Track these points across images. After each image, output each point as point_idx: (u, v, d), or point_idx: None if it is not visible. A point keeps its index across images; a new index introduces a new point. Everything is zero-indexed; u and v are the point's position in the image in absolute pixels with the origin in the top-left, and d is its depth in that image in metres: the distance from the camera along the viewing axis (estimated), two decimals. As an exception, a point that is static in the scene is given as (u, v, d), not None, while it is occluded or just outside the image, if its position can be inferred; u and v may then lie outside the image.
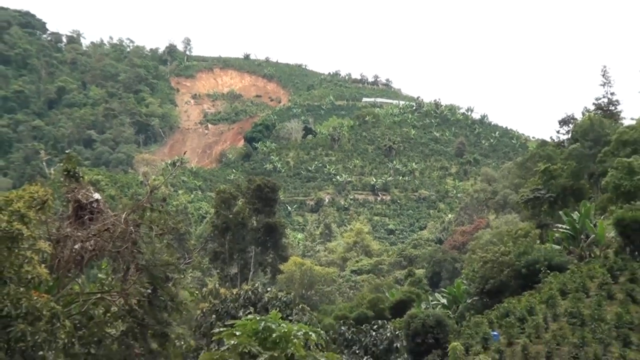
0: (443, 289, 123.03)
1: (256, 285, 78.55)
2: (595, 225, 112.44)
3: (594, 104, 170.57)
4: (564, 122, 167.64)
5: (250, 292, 68.05)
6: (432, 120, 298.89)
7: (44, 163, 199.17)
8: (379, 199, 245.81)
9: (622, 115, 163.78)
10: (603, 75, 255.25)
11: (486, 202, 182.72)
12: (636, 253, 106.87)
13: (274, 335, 47.01)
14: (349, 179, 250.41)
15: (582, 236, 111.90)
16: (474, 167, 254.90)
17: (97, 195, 40.79)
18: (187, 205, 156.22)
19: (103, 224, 37.89)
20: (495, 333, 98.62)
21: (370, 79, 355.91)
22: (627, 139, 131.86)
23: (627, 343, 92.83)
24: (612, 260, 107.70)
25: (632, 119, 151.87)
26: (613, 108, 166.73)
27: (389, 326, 77.74)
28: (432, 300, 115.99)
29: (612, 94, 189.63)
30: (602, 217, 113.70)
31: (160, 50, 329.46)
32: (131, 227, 37.70)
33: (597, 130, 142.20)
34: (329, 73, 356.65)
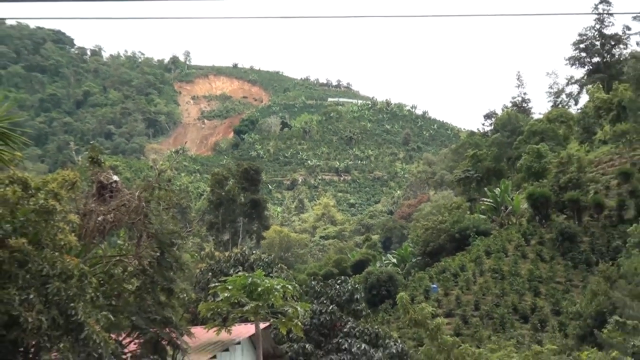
0: (393, 251, 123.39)
1: (244, 249, 78.76)
2: (512, 199, 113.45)
3: (510, 102, 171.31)
4: (487, 116, 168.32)
5: (239, 255, 68.31)
6: (384, 116, 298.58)
7: (73, 152, 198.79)
8: (341, 179, 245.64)
9: (532, 110, 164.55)
10: (518, 79, 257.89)
11: (427, 181, 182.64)
12: (543, 221, 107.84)
13: (258, 289, 47.38)
14: (318, 163, 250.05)
15: (502, 208, 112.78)
16: (417, 153, 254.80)
17: (115, 177, 40.99)
18: (188, 185, 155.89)
19: (120, 201, 38.14)
20: (434, 286, 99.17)
21: (334, 83, 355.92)
22: (536, 129, 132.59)
23: (537, 293, 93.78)
24: (525, 227, 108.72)
25: (540, 113, 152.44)
26: (525, 105, 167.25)
27: (350, 281, 77.72)
28: (384, 260, 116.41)
29: (524, 94, 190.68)
30: (517, 193, 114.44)
31: (166, 61, 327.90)
32: (143, 203, 37.94)
33: (513, 122, 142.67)
34: (301, 78, 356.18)
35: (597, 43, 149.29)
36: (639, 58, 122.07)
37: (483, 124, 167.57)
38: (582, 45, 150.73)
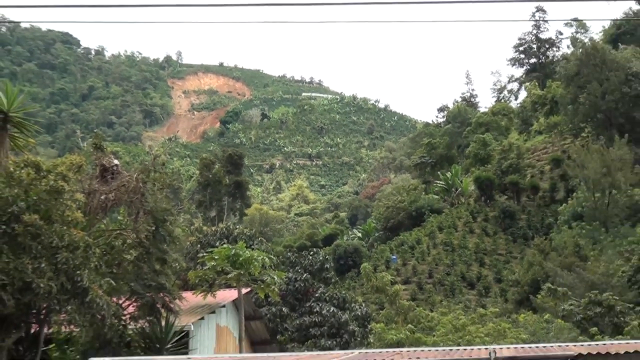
0: (359, 227, 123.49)
1: (228, 224, 78.72)
2: (461, 182, 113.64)
3: (460, 97, 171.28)
4: (440, 109, 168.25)
5: (224, 229, 68.32)
6: (351, 109, 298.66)
7: (79, 139, 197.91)
8: (313, 163, 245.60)
9: (479, 104, 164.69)
10: (467, 77, 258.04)
11: (388, 165, 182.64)
12: (488, 201, 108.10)
13: (240, 258, 47.36)
14: (293, 150, 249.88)
15: (453, 189, 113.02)
16: (380, 141, 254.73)
17: (116, 161, 41.01)
18: (180, 168, 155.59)
19: (120, 182, 38.13)
20: (394, 257, 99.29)
21: (308, 79, 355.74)
22: (482, 121, 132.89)
23: (482, 263, 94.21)
24: (472, 206, 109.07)
25: (485, 107, 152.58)
26: (473, 100, 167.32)
27: (321, 252, 77.79)
28: (351, 235, 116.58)
29: (472, 90, 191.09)
30: (465, 176, 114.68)
31: (160, 60, 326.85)
32: (140, 184, 37.88)
33: (463, 115, 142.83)
34: (279, 75, 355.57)
35: (534, 46, 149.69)
36: (569, 60, 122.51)
37: (437, 116, 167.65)
38: (521, 48, 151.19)
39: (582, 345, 22.58)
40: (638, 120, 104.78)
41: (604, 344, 24.00)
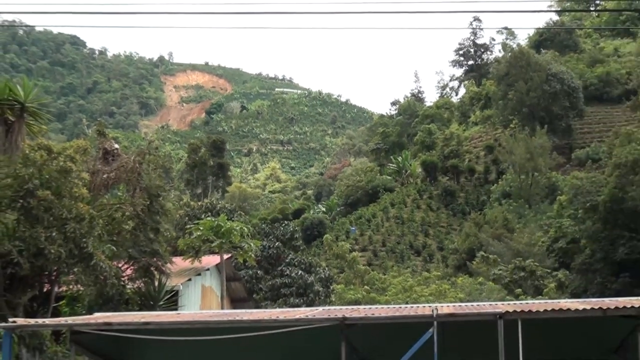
0: (323, 202, 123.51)
1: (212, 200, 78.75)
2: (410, 165, 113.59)
3: (410, 92, 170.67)
4: (393, 103, 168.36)
5: (208, 204, 68.25)
6: (317, 102, 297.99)
7: (85, 126, 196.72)
8: (285, 148, 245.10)
9: (425, 99, 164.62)
10: (415, 76, 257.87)
11: (349, 150, 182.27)
12: (432, 181, 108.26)
13: (222, 229, 47.35)
14: (268, 137, 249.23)
15: (403, 171, 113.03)
16: (341, 130, 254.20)
17: (116, 145, 40.95)
18: (171, 152, 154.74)
19: (120, 163, 38.06)
20: (353, 228, 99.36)
21: (280, 77, 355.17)
22: (428, 114, 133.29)
23: (427, 234, 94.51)
24: (419, 186, 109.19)
25: (430, 102, 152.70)
26: (420, 95, 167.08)
27: (291, 224, 77.92)
28: (316, 209, 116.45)
29: (420, 87, 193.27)
30: (414, 160, 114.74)
31: (154, 59, 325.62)
32: (137, 165, 37.84)
33: (412, 108, 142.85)
34: (256, 73, 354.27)
35: (472, 50, 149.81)
36: (500, 62, 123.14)
37: (390, 109, 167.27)
38: (461, 52, 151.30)
39: (508, 304, 22.78)
40: (556, 114, 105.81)
41: (527, 303, 24.21)
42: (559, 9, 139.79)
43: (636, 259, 62.38)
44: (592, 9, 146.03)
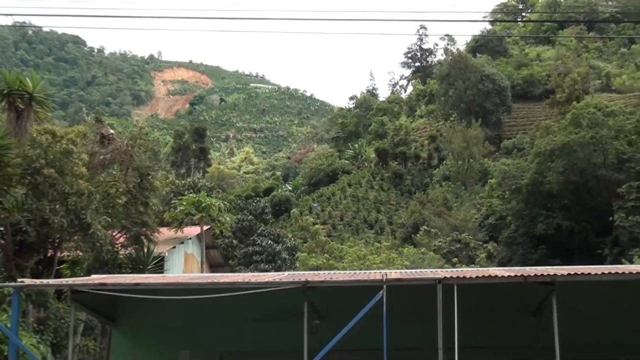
0: (290, 182, 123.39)
1: (194, 179, 78.59)
2: (365, 151, 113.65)
3: (366, 89, 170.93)
4: (351, 98, 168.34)
5: (191, 182, 68.15)
6: (285, 96, 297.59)
7: (85, 114, 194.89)
8: (257, 135, 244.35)
9: (378, 95, 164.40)
10: (370, 75, 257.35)
11: (312, 138, 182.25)
12: (384, 165, 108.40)
13: (203, 204, 47.34)
14: (243, 125, 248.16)
15: (359, 156, 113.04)
16: (306, 120, 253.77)
17: (111, 131, 40.98)
18: (159, 137, 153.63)
19: (115, 146, 38.01)
20: (315, 205, 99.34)
21: (254, 74, 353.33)
22: (381, 107, 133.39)
23: (379, 211, 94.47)
24: (372, 169, 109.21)
25: (383, 97, 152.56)
26: (374, 92, 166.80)
27: (262, 200, 77.96)
28: (284, 188, 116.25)
29: (374, 84, 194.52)
30: (368, 147, 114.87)
31: (145, 57, 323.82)
32: (129, 148, 37.81)
33: (367, 102, 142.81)
34: (233, 70, 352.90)
35: (418, 54, 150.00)
36: (442, 64, 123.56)
37: (348, 103, 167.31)
38: (409, 55, 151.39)
39: (446, 270, 22.91)
40: (488, 109, 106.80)
41: (462, 270, 24.39)
42: (491, 19, 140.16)
43: (552, 234, 62.97)
44: (519, 20, 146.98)
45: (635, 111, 74.59)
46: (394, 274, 19.30)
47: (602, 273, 17.95)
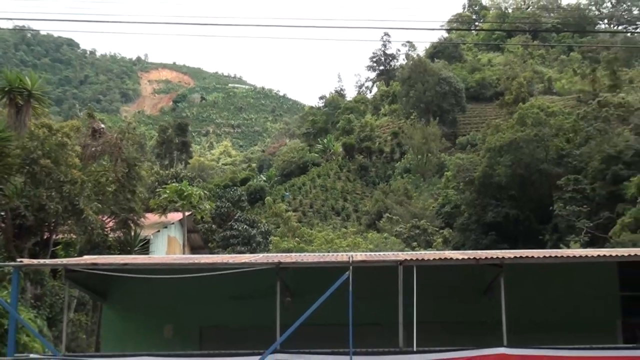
0: (264, 173, 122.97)
1: (177, 169, 78.28)
2: (333, 146, 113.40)
3: (334, 89, 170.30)
4: (321, 97, 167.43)
5: (174, 173, 67.96)
6: (260, 95, 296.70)
7: (78, 110, 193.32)
8: (235, 131, 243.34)
9: (346, 95, 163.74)
10: (338, 77, 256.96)
11: (285, 134, 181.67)
12: (350, 158, 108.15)
13: (185, 193, 47.18)
14: (222, 121, 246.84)
15: (328, 150, 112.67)
16: (279, 117, 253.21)
17: (102, 125, 40.88)
18: (145, 131, 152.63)
19: (105, 139, 37.92)
20: (287, 194, 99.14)
21: (232, 75, 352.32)
22: (348, 106, 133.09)
23: (345, 199, 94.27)
24: (340, 162, 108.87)
25: (350, 97, 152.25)
26: (342, 92, 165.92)
27: (239, 189, 77.86)
28: (259, 178, 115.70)
29: (342, 85, 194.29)
30: (337, 142, 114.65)
31: (133, 59, 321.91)
32: (118, 141, 37.75)
33: (335, 102, 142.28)
34: (213, 72, 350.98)
35: (382, 58, 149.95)
36: (404, 68, 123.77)
37: (318, 102, 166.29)
38: (374, 59, 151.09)
39: (406, 253, 23.01)
40: (445, 109, 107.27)
41: (420, 253, 24.54)
42: (448, 28, 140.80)
43: (500, 221, 63.57)
44: (472, 29, 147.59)
45: (573, 112, 75.39)
46: (359, 256, 19.38)
47: (544, 256, 18.24)
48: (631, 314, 20.32)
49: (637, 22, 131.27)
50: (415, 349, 16.39)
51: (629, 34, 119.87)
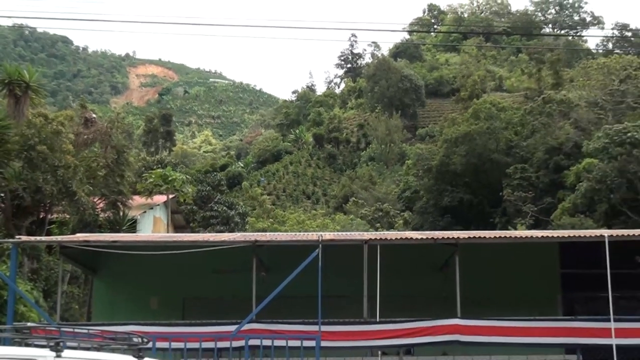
0: (242, 160, 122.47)
1: (162, 156, 77.75)
2: (304, 136, 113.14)
3: (306, 85, 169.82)
4: (293, 92, 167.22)
5: (159, 159, 67.46)
6: (239, 89, 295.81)
7: (71, 101, 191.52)
8: (215, 121, 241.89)
9: (316, 90, 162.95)
10: (310, 73, 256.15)
11: (261, 124, 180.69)
12: (320, 147, 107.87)
13: (169, 177, 47.00)
14: (203, 113, 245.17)
15: (300, 140, 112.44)
16: (256, 110, 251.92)
17: (93, 115, 40.73)
18: (132, 121, 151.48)
19: (96, 127, 37.74)
20: (262, 179, 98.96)
21: (213, 70, 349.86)
22: (318, 100, 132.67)
23: (315, 185, 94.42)
24: (311, 150, 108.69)
25: (320, 92, 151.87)
26: (313, 87, 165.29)
27: (218, 175, 77.51)
28: (237, 164, 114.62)
29: (313, 81, 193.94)
30: (307, 132, 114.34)
31: (122, 55, 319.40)
32: (108, 129, 37.63)
33: (307, 96, 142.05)
34: (196, 67, 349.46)
35: (350, 57, 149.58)
36: (369, 66, 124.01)
37: (291, 96, 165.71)
38: (342, 57, 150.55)
39: (371, 233, 23.12)
40: (406, 104, 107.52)
41: (384, 233, 24.66)
42: (410, 30, 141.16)
43: (455, 205, 64.04)
44: (431, 31, 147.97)
45: (521, 107, 75.86)
46: (327, 235, 19.46)
47: (494, 237, 18.57)
48: (570, 290, 20.72)
49: (578, 27, 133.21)
50: (378, 320, 16.57)
51: (570, 38, 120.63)
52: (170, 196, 47.26)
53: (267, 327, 16.50)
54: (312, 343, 15.35)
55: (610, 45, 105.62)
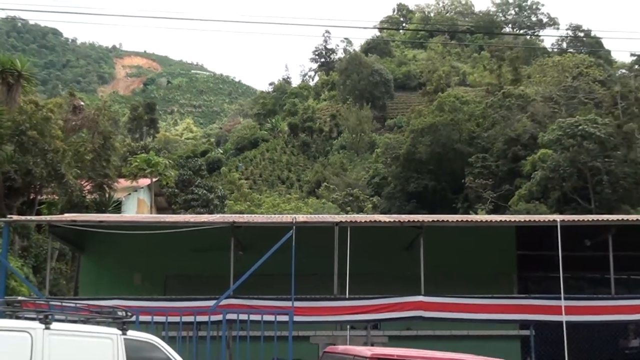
0: (221, 147, 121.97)
1: (146, 142, 77.28)
2: (280, 125, 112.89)
3: (282, 77, 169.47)
4: (270, 84, 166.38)
5: (143, 145, 67.09)
6: (219, 80, 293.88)
7: (61, 90, 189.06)
8: (196, 110, 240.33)
9: (292, 82, 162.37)
10: (286, 67, 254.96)
11: (239, 114, 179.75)
12: (295, 136, 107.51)
13: (152, 162, 46.71)
14: (185, 102, 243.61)
15: (276, 129, 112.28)
16: (235, 100, 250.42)
17: (81, 103, 40.51)
18: (118, 109, 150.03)
19: (84, 114, 37.53)
20: (240, 165, 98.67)
21: (195, 62, 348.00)
22: (293, 92, 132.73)
23: (290, 171, 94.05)
24: (286, 139, 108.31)
25: (296, 84, 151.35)
26: (289, 80, 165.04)
27: (199, 160, 77.16)
28: (217, 151, 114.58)
29: (289, 74, 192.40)
30: (283, 122, 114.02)
31: (109, 47, 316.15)
32: (95, 116, 37.45)
33: (283, 88, 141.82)
34: (178, 59, 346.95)
35: (324, 52, 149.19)
36: (342, 61, 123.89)
37: (268, 87, 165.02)
38: (316, 52, 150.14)
39: (342, 216, 23.17)
40: (376, 96, 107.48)
41: (354, 216, 24.72)
42: (380, 27, 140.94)
43: (421, 191, 64.32)
44: (400, 28, 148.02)
45: (482, 101, 76.26)
46: (301, 217, 19.50)
47: (457, 220, 18.70)
48: (525, 269, 21.02)
49: (535, 27, 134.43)
50: (347, 296, 16.67)
51: (528, 37, 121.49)
52: (154, 180, 47.00)
53: (244, 302, 16.52)
54: (285, 318, 15.39)
55: (564, 45, 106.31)
